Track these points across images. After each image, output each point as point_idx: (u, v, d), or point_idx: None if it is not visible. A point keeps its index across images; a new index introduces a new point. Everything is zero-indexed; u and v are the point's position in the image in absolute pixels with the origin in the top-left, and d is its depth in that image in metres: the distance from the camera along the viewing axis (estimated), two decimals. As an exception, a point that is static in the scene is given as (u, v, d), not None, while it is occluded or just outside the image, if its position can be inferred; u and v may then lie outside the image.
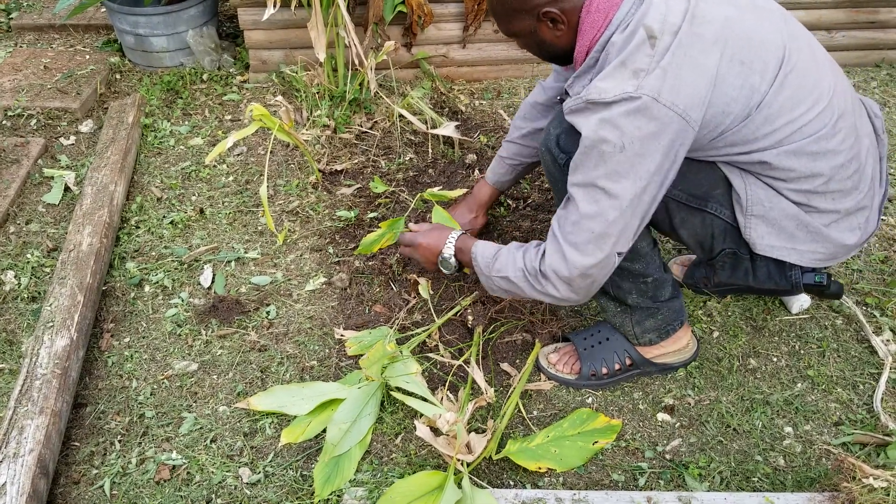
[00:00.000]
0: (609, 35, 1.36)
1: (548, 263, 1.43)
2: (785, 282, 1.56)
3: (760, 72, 1.34)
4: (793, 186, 1.44)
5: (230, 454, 1.67)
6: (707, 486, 1.59)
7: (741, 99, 1.34)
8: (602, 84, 1.31)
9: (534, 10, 1.41)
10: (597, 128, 1.31)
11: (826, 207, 1.46)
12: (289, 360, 1.88)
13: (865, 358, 1.87)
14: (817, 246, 1.50)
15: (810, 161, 1.41)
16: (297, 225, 2.30)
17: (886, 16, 2.98)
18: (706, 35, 1.31)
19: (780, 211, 1.45)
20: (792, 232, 1.48)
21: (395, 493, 1.50)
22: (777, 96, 1.35)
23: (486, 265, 1.57)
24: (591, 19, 1.37)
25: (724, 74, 1.32)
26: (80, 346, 1.83)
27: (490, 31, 2.95)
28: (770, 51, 1.35)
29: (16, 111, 2.79)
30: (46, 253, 2.21)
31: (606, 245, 1.37)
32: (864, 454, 1.64)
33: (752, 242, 1.49)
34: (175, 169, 2.54)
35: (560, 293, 1.45)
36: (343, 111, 2.68)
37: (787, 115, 1.37)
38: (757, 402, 1.76)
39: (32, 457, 1.53)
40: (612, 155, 1.30)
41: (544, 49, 1.50)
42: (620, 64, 1.30)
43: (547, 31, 1.44)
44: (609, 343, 1.78)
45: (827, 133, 1.40)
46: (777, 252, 1.49)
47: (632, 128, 1.29)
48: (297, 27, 2.85)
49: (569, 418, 1.70)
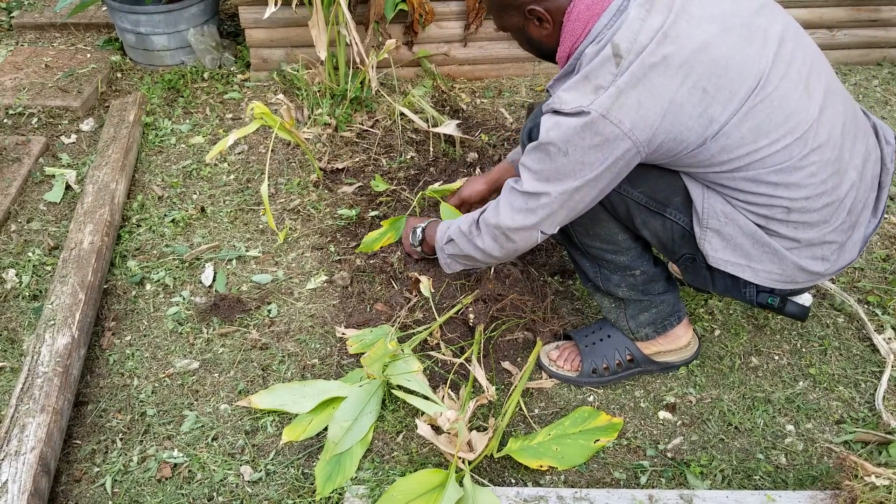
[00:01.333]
0: (585, 46, 1.38)
1: (484, 216, 1.57)
2: (739, 296, 1.56)
3: (724, 102, 1.30)
4: (751, 209, 1.42)
5: (231, 452, 1.67)
6: (709, 485, 1.59)
7: (697, 128, 1.31)
8: (565, 95, 1.35)
9: (521, 6, 1.44)
10: (548, 129, 1.37)
11: (786, 234, 1.43)
12: (290, 359, 1.88)
13: (867, 356, 1.86)
14: (774, 267, 1.46)
15: (770, 189, 1.38)
16: (299, 223, 2.30)
17: (888, 14, 2.97)
18: (671, 59, 1.28)
19: (737, 228, 1.43)
20: (747, 250, 1.45)
21: (397, 492, 1.50)
22: (739, 127, 1.32)
23: (442, 237, 1.73)
24: (571, 27, 1.40)
25: (680, 102, 1.30)
26: (81, 345, 1.83)
27: (491, 30, 2.94)
28: (742, 79, 1.30)
29: (17, 109, 2.79)
30: (48, 251, 2.21)
31: (531, 220, 1.48)
32: (865, 452, 1.64)
33: (707, 254, 1.48)
34: (176, 167, 2.54)
35: (484, 244, 1.59)
36: (344, 109, 2.68)
37: (749, 146, 1.33)
38: (758, 400, 1.76)
39: (34, 455, 1.53)
40: (556, 156, 1.37)
41: (533, 45, 1.54)
42: (584, 77, 1.34)
43: (534, 28, 1.47)
44: (610, 340, 1.78)
45: (791, 166, 1.35)
46: (731, 267, 1.48)
47: (577, 138, 1.34)
48: (298, 25, 2.85)
49: (570, 416, 1.70)
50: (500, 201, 1.53)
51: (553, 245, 2.17)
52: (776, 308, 1.55)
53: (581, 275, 1.78)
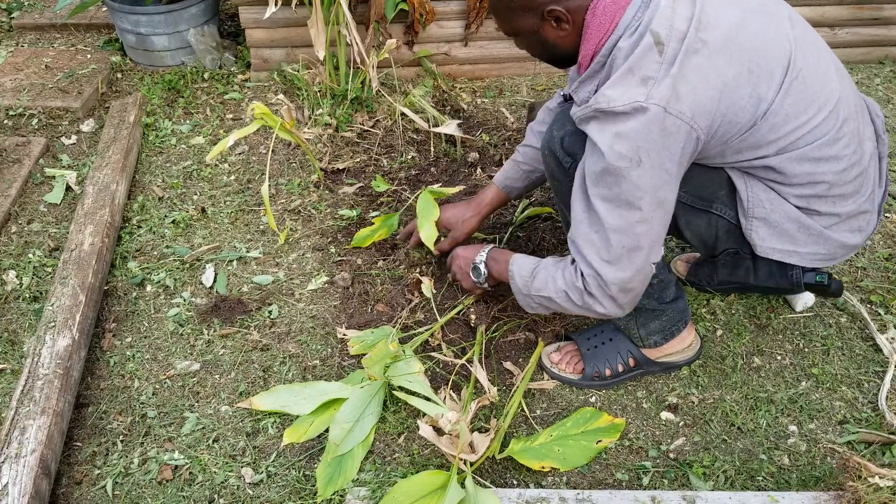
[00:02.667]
0: (615, 39, 1.33)
1: (589, 283, 1.41)
2: (786, 281, 1.56)
3: (767, 80, 1.33)
4: (795, 191, 1.43)
5: (232, 454, 1.67)
6: (711, 486, 1.58)
7: (749, 108, 1.33)
8: (610, 92, 1.29)
9: (538, 7, 1.37)
10: (612, 142, 1.29)
11: (827, 211, 1.46)
12: (291, 360, 1.87)
13: (870, 356, 1.86)
14: (818, 248, 1.49)
15: (813, 166, 1.40)
16: (299, 224, 2.30)
17: (890, 12, 2.97)
18: (712, 42, 1.29)
19: (782, 213, 1.45)
20: (793, 234, 1.47)
21: (398, 493, 1.49)
22: (783, 104, 1.34)
23: (525, 284, 1.55)
24: (597, 22, 1.34)
25: (732, 84, 1.30)
26: (81, 346, 1.82)
27: (492, 29, 2.94)
28: (775, 57, 1.34)
29: (17, 111, 2.79)
30: (48, 252, 2.21)
31: (639, 258, 1.38)
32: (869, 453, 1.63)
33: (754, 244, 1.49)
34: (176, 168, 2.54)
35: (606, 309, 1.44)
36: (345, 110, 2.68)
37: (793, 122, 1.35)
38: (761, 400, 1.76)
39: (34, 457, 1.53)
40: (630, 169, 1.29)
41: (547, 49, 1.47)
42: (628, 70, 1.29)
43: (551, 30, 1.41)
44: (612, 344, 1.77)
45: (830, 139, 1.39)
46: (778, 255, 1.49)
47: (644, 141, 1.27)
48: (299, 25, 2.85)
49: (572, 417, 1.70)
50: (594, 264, 1.39)
51: (553, 245, 2.17)
52: (825, 285, 1.55)
53: None
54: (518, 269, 1.58)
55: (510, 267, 1.60)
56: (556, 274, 1.48)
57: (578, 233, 1.41)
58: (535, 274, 1.53)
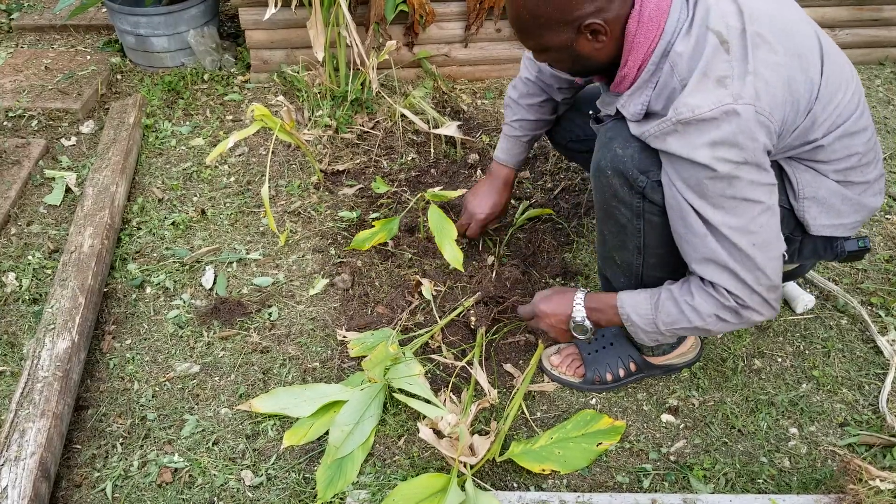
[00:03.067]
0: (666, 45, 1.30)
1: (739, 297, 1.36)
2: (830, 254, 1.57)
3: (812, 63, 1.34)
4: (833, 167, 1.44)
5: (232, 457, 1.66)
6: (712, 488, 1.58)
7: (805, 93, 1.33)
8: (691, 100, 1.24)
9: (575, 21, 1.28)
10: (712, 152, 1.25)
11: (859, 180, 1.48)
12: (291, 362, 1.87)
13: (871, 358, 1.85)
14: (857, 216, 1.52)
15: (849, 140, 1.42)
16: (299, 226, 2.30)
17: (890, 13, 2.96)
18: (765, 34, 1.28)
19: (827, 190, 1.46)
20: (839, 208, 1.49)
21: (399, 496, 1.49)
22: (826, 85, 1.35)
23: (647, 323, 1.46)
24: (644, 30, 1.29)
25: (791, 73, 1.29)
26: (81, 349, 1.82)
27: (492, 31, 2.94)
28: (811, 39, 1.35)
29: (17, 112, 2.78)
30: (48, 254, 2.21)
31: (774, 249, 1.35)
32: (870, 455, 1.63)
33: (807, 224, 1.49)
34: (176, 170, 2.53)
35: (764, 315, 1.40)
36: (345, 111, 2.67)
37: (834, 100, 1.37)
38: (762, 402, 1.75)
39: (34, 460, 1.53)
40: (738, 169, 1.26)
41: (579, 63, 1.38)
42: (702, 75, 1.24)
43: (586, 44, 1.32)
44: (613, 348, 1.77)
45: (860, 112, 1.42)
46: (828, 230, 1.50)
47: (747, 141, 1.24)
48: (299, 27, 2.84)
49: (572, 420, 1.69)
50: (739, 275, 1.34)
51: (554, 247, 2.17)
52: (867, 248, 1.57)
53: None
54: (632, 311, 1.47)
55: (620, 312, 1.49)
56: (693, 303, 1.39)
57: (705, 252, 1.35)
58: (658, 309, 1.44)
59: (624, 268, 1.56)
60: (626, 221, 1.47)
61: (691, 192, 1.30)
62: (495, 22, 2.91)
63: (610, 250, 1.57)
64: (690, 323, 1.41)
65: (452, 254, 2.05)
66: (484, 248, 2.17)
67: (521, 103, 1.88)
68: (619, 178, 1.42)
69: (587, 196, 2.34)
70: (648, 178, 1.39)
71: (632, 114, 1.37)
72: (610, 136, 1.44)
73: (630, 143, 1.39)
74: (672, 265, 1.52)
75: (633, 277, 1.56)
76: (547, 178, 2.45)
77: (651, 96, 1.33)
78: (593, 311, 1.54)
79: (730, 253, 1.32)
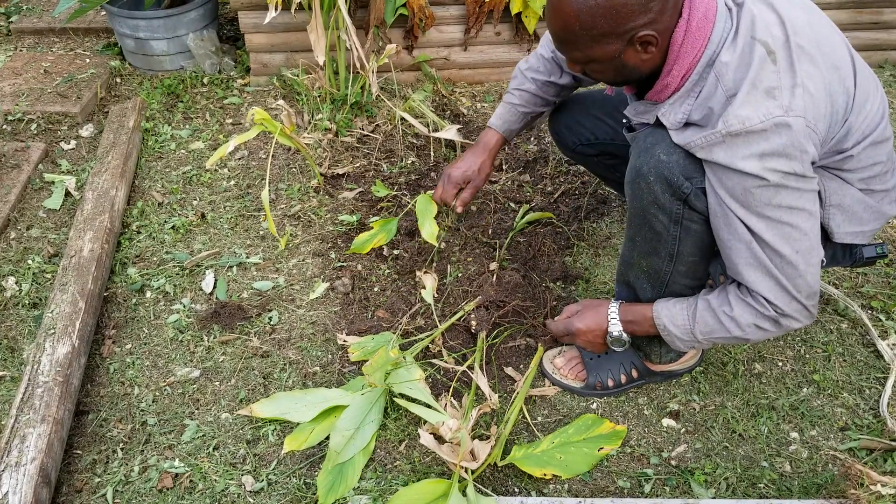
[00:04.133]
0: (711, 54, 1.30)
1: (779, 305, 1.37)
2: (848, 260, 1.58)
3: (847, 74, 1.35)
4: (859, 175, 1.45)
5: (233, 462, 1.66)
6: (713, 493, 1.58)
7: (842, 103, 1.33)
8: (742, 112, 1.24)
9: (627, 33, 1.26)
10: (762, 163, 1.25)
11: (880, 188, 1.49)
12: (291, 367, 1.87)
13: (871, 362, 1.85)
14: (876, 223, 1.53)
15: (874, 149, 1.43)
16: (299, 229, 2.29)
17: (890, 17, 2.97)
18: (805, 45, 1.28)
19: (851, 198, 1.47)
20: (861, 216, 1.49)
21: (400, 501, 1.49)
22: (858, 95, 1.36)
23: (684, 332, 1.48)
24: (692, 39, 1.29)
25: (831, 84, 1.30)
26: (81, 353, 1.82)
27: (491, 34, 2.94)
28: (842, 49, 1.36)
29: (16, 116, 2.78)
30: (47, 259, 2.20)
31: (815, 257, 1.36)
32: (870, 460, 1.63)
33: (832, 231, 1.49)
34: (176, 173, 2.53)
35: (802, 322, 1.42)
36: (344, 114, 2.67)
37: (864, 110, 1.38)
38: (762, 407, 1.75)
39: (34, 465, 1.52)
40: (786, 179, 1.26)
41: (623, 73, 1.37)
42: (752, 86, 1.25)
43: (633, 55, 1.31)
44: (616, 354, 1.76)
45: (885, 121, 1.43)
46: (850, 238, 1.51)
47: (797, 152, 1.25)
48: (298, 30, 2.85)
49: (574, 424, 1.69)
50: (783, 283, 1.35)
51: (554, 250, 2.17)
52: (885, 254, 1.57)
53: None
54: (669, 322, 1.49)
55: (657, 322, 1.51)
56: (732, 313, 1.41)
57: (749, 259, 1.35)
58: (696, 319, 1.46)
59: (651, 274, 1.55)
60: (663, 228, 1.46)
61: (735, 201, 1.31)
62: (494, 25, 2.91)
63: (639, 256, 1.55)
64: (729, 333, 1.43)
65: (429, 230, 2.01)
66: (484, 252, 2.17)
67: (528, 75, 1.86)
68: (662, 184, 1.40)
69: (587, 199, 2.35)
70: (693, 185, 1.37)
71: (672, 122, 1.36)
72: (651, 143, 1.42)
73: (674, 150, 1.38)
74: (700, 274, 1.54)
75: (659, 285, 1.56)
76: (547, 181, 2.45)
77: (693, 105, 1.33)
78: (629, 323, 1.57)
79: (772, 260, 1.33)
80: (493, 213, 2.31)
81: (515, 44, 2.97)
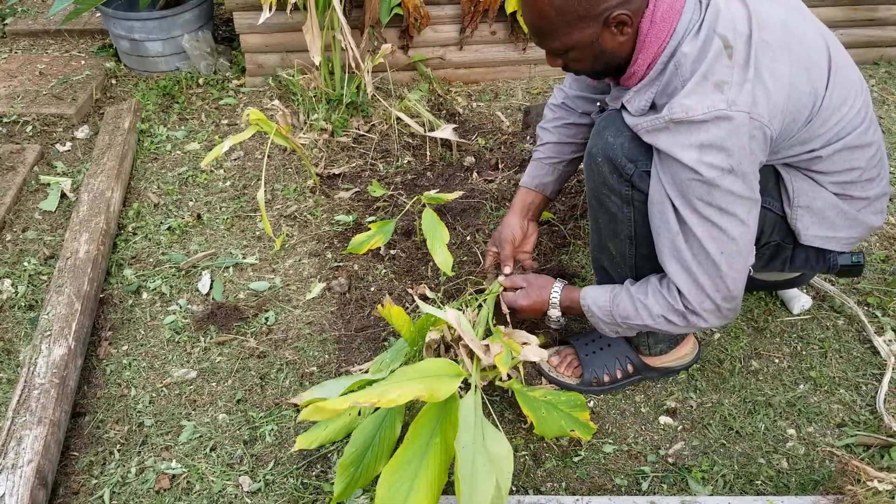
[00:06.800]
0: (675, 45, 1.31)
1: (691, 301, 1.40)
2: (822, 265, 1.59)
3: (819, 75, 1.35)
4: (832, 179, 1.45)
5: (230, 462, 1.66)
6: (710, 490, 1.58)
7: (807, 104, 1.34)
8: (687, 101, 1.26)
9: (602, 14, 1.29)
10: (699, 155, 1.27)
11: (859, 195, 1.49)
12: (288, 367, 1.87)
13: (868, 358, 1.86)
14: (852, 231, 1.53)
15: (850, 154, 1.43)
16: (296, 229, 2.29)
17: (885, 13, 2.97)
18: (772, 42, 1.29)
19: (823, 201, 1.47)
20: (833, 220, 1.50)
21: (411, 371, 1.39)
22: (830, 97, 1.36)
23: (607, 314, 1.54)
24: (656, 28, 1.31)
25: (795, 82, 1.31)
26: (78, 355, 1.81)
27: (487, 33, 2.94)
28: (820, 51, 1.37)
29: (11, 118, 2.77)
30: (43, 261, 2.20)
31: (740, 263, 1.38)
32: (867, 456, 1.63)
33: (799, 232, 1.50)
34: (172, 174, 2.53)
35: (709, 323, 1.44)
36: (340, 114, 2.67)
37: (838, 113, 1.38)
38: (759, 404, 1.76)
39: (31, 467, 1.52)
40: (722, 178, 1.28)
41: (602, 60, 1.38)
42: (702, 78, 1.26)
43: (610, 37, 1.33)
44: (610, 349, 1.77)
45: (865, 126, 1.43)
46: (820, 241, 1.52)
47: (736, 148, 1.26)
48: (294, 30, 2.84)
49: (566, 395, 1.65)
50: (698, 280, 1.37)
51: (550, 249, 2.17)
52: (861, 264, 1.58)
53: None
54: (592, 303, 1.55)
55: (582, 304, 1.57)
56: (647, 301, 1.46)
57: (672, 251, 1.38)
58: (615, 303, 1.51)
59: (618, 257, 1.58)
60: (617, 209, 1.50)
61: (674, 189, 1.33)
62: (490, 24, 2.91)
63: (604, 239, 1.58)
64: (642, 320, 1.48)
65: (443, 258, 2.04)
66: (480, 252, 2.17)
67: (545, 127, 1.87)
68: (608, 166, 1.45)
69: (583, 198, 2.35)
70: (636, 167, 1.41)
71: (636, 109, 1.38)
72: (603, 125, 1.47)
73: (622, 133, 1.42)
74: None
75: (627, 268, 1.58)
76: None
77: (655, 94, 1.36)
78: (567, 305, 1.64)
79: (695, 255, 1.36)
80: (489, 213, 2.32)
81: (511, 43, 2.97)
